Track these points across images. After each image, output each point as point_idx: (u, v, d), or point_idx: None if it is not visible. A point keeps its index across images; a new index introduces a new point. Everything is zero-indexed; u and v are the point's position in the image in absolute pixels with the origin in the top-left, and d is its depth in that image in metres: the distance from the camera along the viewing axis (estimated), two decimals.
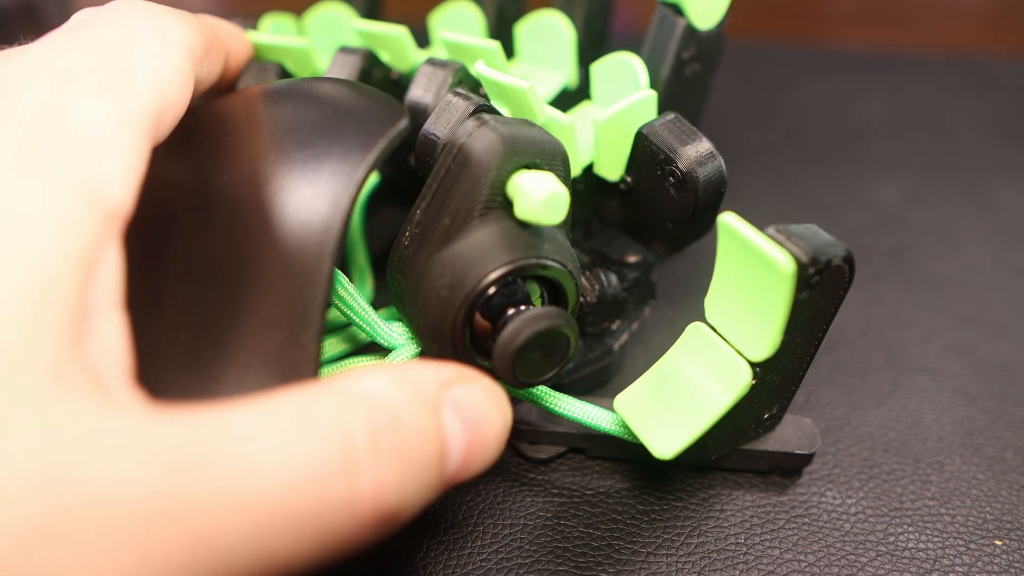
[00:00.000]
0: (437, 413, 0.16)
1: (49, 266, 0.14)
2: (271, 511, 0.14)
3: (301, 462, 0.14)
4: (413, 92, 0.25)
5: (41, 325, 0.14)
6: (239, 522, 0.13)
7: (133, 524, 0.12)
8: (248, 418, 0.14)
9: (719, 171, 0.24)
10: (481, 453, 0.17)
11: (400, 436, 0.15)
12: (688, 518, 0.24)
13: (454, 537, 0.23)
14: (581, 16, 0.31)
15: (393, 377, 0.16)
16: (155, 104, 0.18)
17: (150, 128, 0.18)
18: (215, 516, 0.13)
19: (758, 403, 0.23)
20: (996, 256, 0.35)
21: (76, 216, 0.15)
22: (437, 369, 0.17)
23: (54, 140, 0.16)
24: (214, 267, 0.19)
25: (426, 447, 0.16)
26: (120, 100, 0.17)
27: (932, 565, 0.23)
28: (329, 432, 0.15)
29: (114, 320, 0.16)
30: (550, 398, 0.23)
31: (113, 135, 0.16)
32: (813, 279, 0.19)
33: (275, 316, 0.18)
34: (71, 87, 0.17)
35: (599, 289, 0.26)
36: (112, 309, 0.16)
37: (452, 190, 0.20)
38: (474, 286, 0.19)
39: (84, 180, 0.16)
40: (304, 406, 0.15)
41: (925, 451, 0.26)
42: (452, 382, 0.17)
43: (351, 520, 0.15)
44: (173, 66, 0.19)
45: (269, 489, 0.14)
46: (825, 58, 0.49)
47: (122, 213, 0.16)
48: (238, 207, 0.19)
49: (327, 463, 0.14)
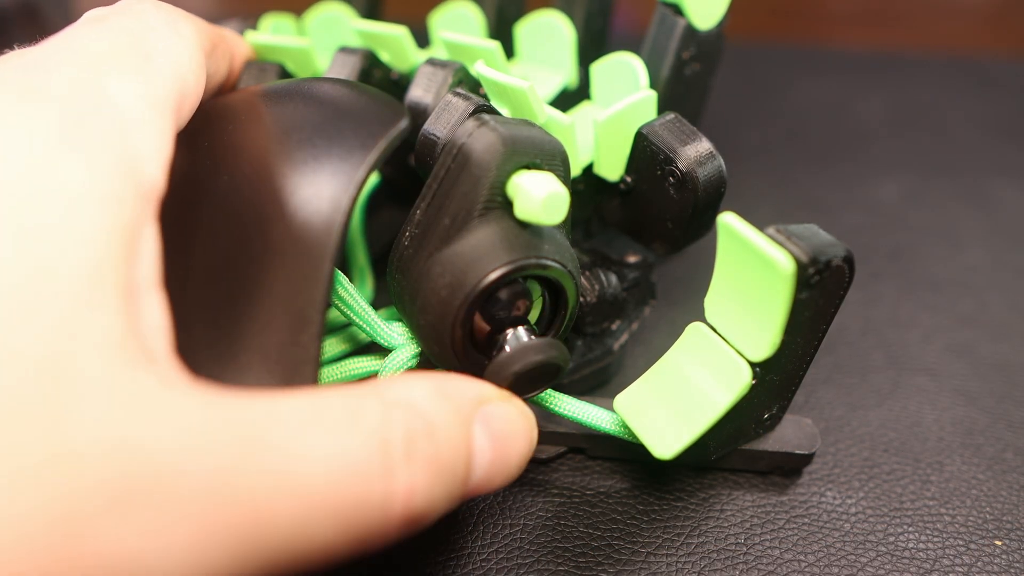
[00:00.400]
0: (469, 426, 0.17)
1: (101, 241, 0.15)
2: (315, 501, 0.14)
3: (346, 458, 0.15)
4: (413, 92, 0.25)
5: (102, 298, 0.14)
6: (287, 507, 0.14)
7: (197, 497, 0.13)
8: (298, 408, 0.15)
9: (719, 171, 0.24)
10: (504, 470, 0.18)
11: (433, 445, 0.16)
12: (688, 518, 0.24)
13: (454, 537, 0.23)
14: (581, 16, 0.31)
15: (431, 387, 0.17)
16: (177, 89, 0.18)
17: (174, 111, 0.18)
18: (267, 498, 0.14)
19: (758, 403, 0.23)
20: (996, 256, 0.35)
21: (119, 193, 0.15)
22: (477, 386, 0.18)
23: (93, 116, 0.16)
24: (215, 266, 0.19)
25: (455, 457, 0.17)
26: (147, 82, 0.17)
27: (932, 565, 0.23)
28: (373, 434, 0.15)
29: (155, 299, 0.16)
30: (550, 398, 0.23)
31: (145, 115, 0.17)
32: (813, 279, 0.19)
33: (275, 315, 0.18)
34: (103, 68, 0.17)
35: (599, 289, 0.26)
36: (153, 288, 0.16)
37: (452, 190, 0.20)
38: (474, 286, 0.19)
39: (124, 157, 0.16)
40: (350, 405, 0.15)
41: (925, 451, 0.26)
42: (488, 400, 0.18)
43: (383, 519, 0.15)
44: (189, 54, 0.19)
45: (316, 479, 0.14)
46: (825, 58, 0.49)
47: (157, 192, 0.17)
48: (238, 207, 0.19)
49: (369, 462, 0.15)
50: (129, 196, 0.15)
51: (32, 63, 0.17)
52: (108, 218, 0.15)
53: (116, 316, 0.14)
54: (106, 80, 0.17)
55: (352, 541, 0.15)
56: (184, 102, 0.19)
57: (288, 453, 0.14)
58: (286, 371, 0.18)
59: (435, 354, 0.21)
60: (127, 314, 0.14)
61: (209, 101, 0.22)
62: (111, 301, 0.14)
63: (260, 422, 0.14)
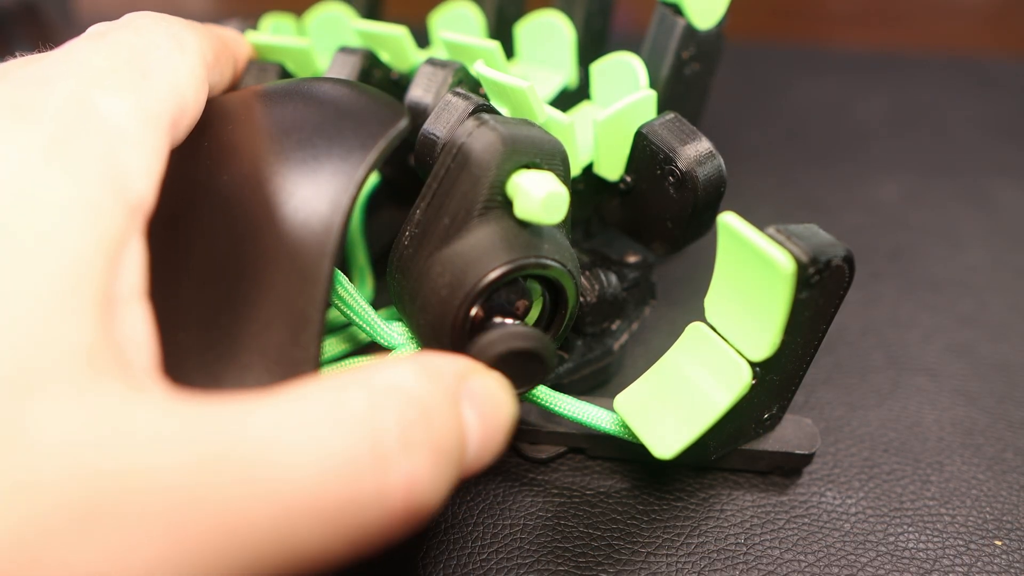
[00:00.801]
0: (458, 405, 0.17)
1: (80, 252, 0.15)
2: (299, 505, 0.14)
3: (330, 456, 0.14)
4: (413, 92, 0.25)
5: (76, 308, 0.14)
6: (267, 514, 0.13)
7: (165, 513, 0.13)
8: (276, 410, 0.14)
9: (719, 171, 0.24)
10: (493, 444, 0.18)
11: (431, 429, 0.15)
12: (688, 518, 0.24)
13: (454, 537, 0.23)
14: (581, 16, 0.31)
15: (418, 368, 0.16)
16: (173, 106, 0.18)
17: (169, 128, 0.18)
18: (244, 508, 0.13)
19: (758, 403, 0.23)
20: (996, 256, 0.35)
21: (104, 206, 0.15)
22: (455, 361, 0.18)
23: (83, 132, 0.16)
24: (215, 267, 0.19)
25: (452, 439, 0.16)
26: (142, 99, 0.18)
27: (932, 565, 0.23)
28: (359, 425, 0.15)
29: (139, 310, 0.16)
30: (550, 398, 0.23)
31: (136, 132, 0.17)
32: (813, 279, 0.19)
33: (275, 316, 0.18)
34: (96, 85, 0.17)
35: (599, 289, 0.26)
36: (136, 299, 0.16)
37: (452, 190, 0.20)
38: (473, 286, 0.19)
39: (111, 172, 0.16)
40: (334, 398, 0.15)
41: (925, 451, 0.26)
42: (468, 374, 0.17)
43: (382, 515, 0.14)
44: (189, 70, 0.20)
45: (297, 482, 0.14)
46: (825, 58, 0.49)
47: (145, 207, 0.17)
48: (238, 207, 0.19)
49: (356, 457, 0.14)
50: (114, 210, 0.15)
51: (28, 77, 0.17)
52: (89, 231, 0.15)
53: (89, 327, 0.14)
54: (99, 96, 0.17)
55: (351, 541, 0.14)
56: (182, 118, 0.19)
57: (264, 457, 0.14)
58: (286, 371, 0.18)
59: None
60: (102, 325, 0.14)
61: (209, 101, 0.22)
62: (85, 312, 0.14)
63: (234, 428, 0.14)
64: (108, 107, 0.17)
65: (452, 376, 0.17)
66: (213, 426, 0.14)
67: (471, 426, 0.17)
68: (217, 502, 0.13)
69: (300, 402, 0.15)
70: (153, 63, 0.19)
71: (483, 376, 0.18)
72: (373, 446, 0.14)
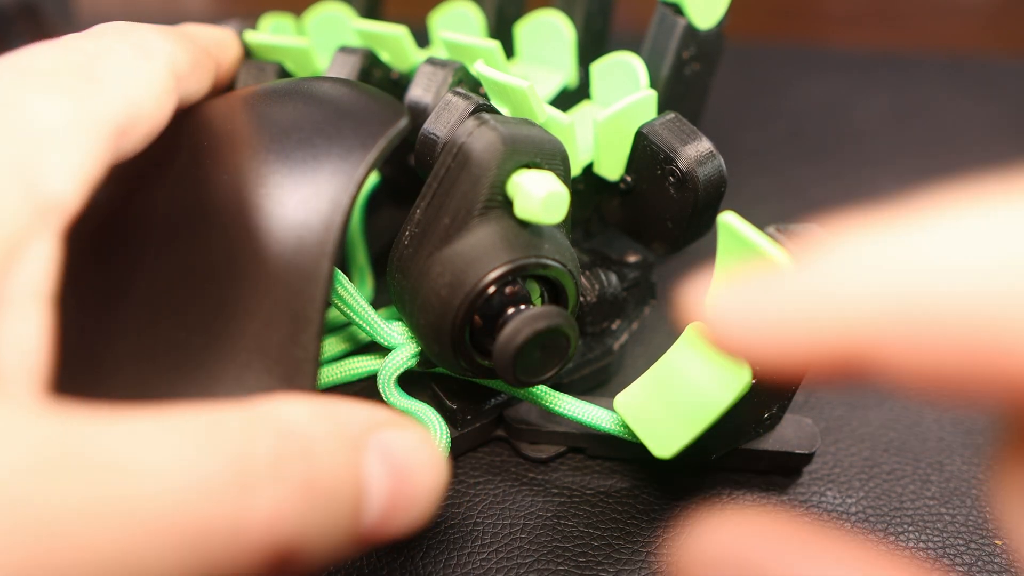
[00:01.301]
0: (357, 453, 0.15)
1: None
2: (143, 523, 0.12)
3: (186, 474, 0.13)
4: (413, 92, 0.25)
5: None
6: (105, 529, 0.12)
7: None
8: (141, 422, 0.13)
9: (719, 171, 0.24)
10: (408, 506, 0.16)
11: (308, 466, 0.14)
12: (688, 518, 0.24)
13: (454, 537, 0.23)
14: (581, 16, 0.31)
15: (314, 409, 0.15)
16: (121, 113, 0.18)
17: (112, 135, 0.18)
18: (77, 520, 0.12)
19: (758, 403, 0.22)
20: None
21: (3, 202, 0.15)
22: (368, 411, 0.16)
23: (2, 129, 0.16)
24: (213, 266, 0.19)
25: (338, 483, 0.15)
26: (80, 103, 0.17)
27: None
28: (226, 447, 0.14)
29: (34, 313, 0.15)
30: (550, 398, 0.23)
31: (66, 133, 0.16)
32: None
33: (275, 315, 0.18)
34: (29, 84, 0.17)
35: (599, 289, 0.26)
36: (33, 302, 0.15)
37: (452, 189, 0.20)
38: (474, 285, 0.19)
39: (22, 169, 0.15)
40: (209, 420, 0.14)
41: (925, 451, 0.26)
42: (382, 425, 0.16)
43: (237, 546, 0.13)
44: (150, 79, 0.19)
45: (145, 499, 0.13)
46: (825, 58, 0.49)
47: (64, 208, 0.16)
48: (238, 206, 0.19)
49: (214, 478, 0.13)
50: (16, 206, 0.15)
51: None
52: None
53: None
54: (32, 98, 0.17)
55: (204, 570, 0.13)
56: (133, 126, 0.18)
57: (112, 466, 0.13)
58: (286, 370, 0.18)
59: (435, 353, 0.21)
60: None
61: (209, 101, 0.22)
62: None
63: (87, 433, 0.13)
64: (40, 108, 0.16)
65: (358, 424, 0.16)
66: (66, 433, 0.13)
67: (375, 479, 0.15)
68: (48, 510, 0.12)
69: (171, 418, 0.14)
70: (105, 69, 0.18)
71: (403, 432, 0.16)
72: (237, 471, 0.13)
